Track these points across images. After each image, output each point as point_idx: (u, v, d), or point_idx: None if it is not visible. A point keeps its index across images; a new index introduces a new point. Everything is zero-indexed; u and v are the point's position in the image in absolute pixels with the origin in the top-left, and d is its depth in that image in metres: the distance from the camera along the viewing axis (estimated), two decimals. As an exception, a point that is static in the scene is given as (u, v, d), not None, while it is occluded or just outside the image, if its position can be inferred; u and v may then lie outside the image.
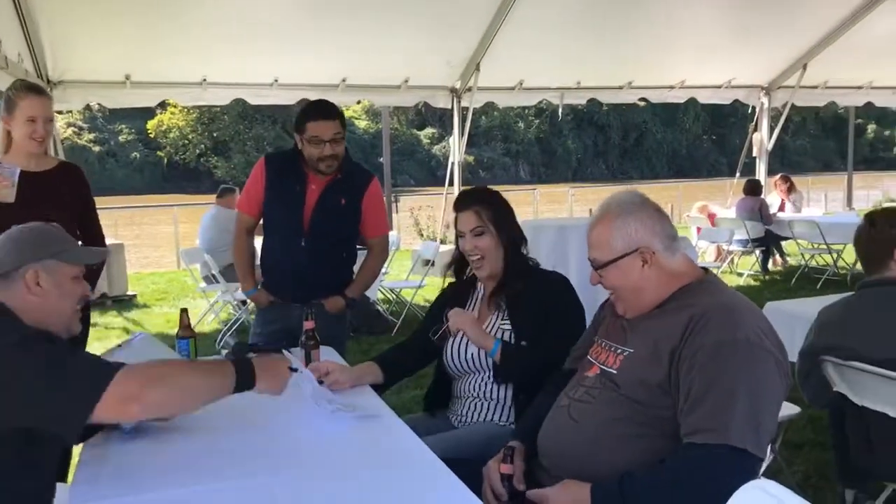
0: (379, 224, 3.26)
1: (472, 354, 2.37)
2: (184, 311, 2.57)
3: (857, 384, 2.38)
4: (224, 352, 2.66)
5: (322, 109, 2.97)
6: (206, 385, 1.66)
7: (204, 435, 1.91)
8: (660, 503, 1.59)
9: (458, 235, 2.41)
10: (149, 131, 39.42)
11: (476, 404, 2.38)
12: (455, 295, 2.54)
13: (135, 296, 8.60)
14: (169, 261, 12.52)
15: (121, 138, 39.68)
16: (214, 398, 1.67)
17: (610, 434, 1.71)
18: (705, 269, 1.86)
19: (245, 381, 1.71)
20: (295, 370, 1.87)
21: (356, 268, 3.34)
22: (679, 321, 1.69)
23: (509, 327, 2.34)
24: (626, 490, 1.59)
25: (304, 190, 3.03)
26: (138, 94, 7.57)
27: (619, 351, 1.82)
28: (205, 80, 7.60)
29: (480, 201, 2.40)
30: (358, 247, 3.32)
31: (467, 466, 1.78)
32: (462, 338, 2.40)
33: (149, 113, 36.83)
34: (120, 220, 16.80)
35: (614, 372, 1.78)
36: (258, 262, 3.33)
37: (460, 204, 2.43)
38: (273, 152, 3.37)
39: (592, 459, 1.73)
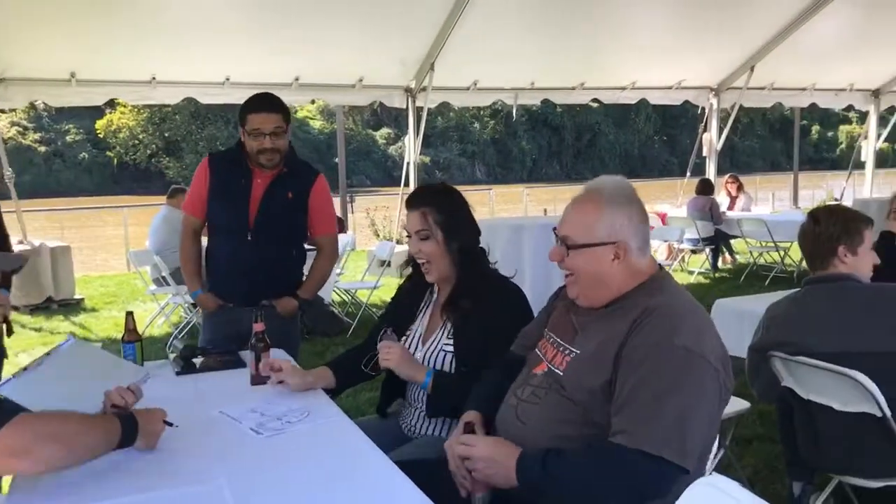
0: (328, 221, 3.20)
1: None
2: (129, 314, 2.50)
3: (804, 379, 2.43)
4: (172, 355, 2.60)
5: (264, 101, 2.91)
6: (95, 443, 1.59)
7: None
8: (576, 489, 1.57)
9: (407, 235, 2.30)
10: (98, 131, 38.48)
11: (423, 415, 2.29)
12: (411, 294, 2.45)
13: (82, 299, 8.38)
14: (117, 264, 12.23)
15: (68, 138, 38.64)
16: (97, 456, 1.60)
17: (555, 436, 1.69)
18: (660, 266, 1.84)
19: (128, 438, 1.66)
20: (170, 424, 1.80)
21: (306, 269, 3.29)
22: (625, 322, 1.66)
23: (452, 349, 2.22)
24: (548, 467, 1.58)
25: (249, 184, 2.97)
26: (85, 92, 7.39)
27: (566, 351, 1.78)
28: (154, 78, 7.46)
29: (430, 202, 2.24)
30: (308, 247, 3.28)
31: (423, 469, 1.76)
32: (414, 346, 2.31)
33: (98, 112, 35.96)
34: (66, 222, 16.39)
35: (560, 373, 1.75)
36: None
37: (409, 202, 2.30)
38: (216, 151, 3.32)
39: None
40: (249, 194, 2.96)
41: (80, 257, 9.07)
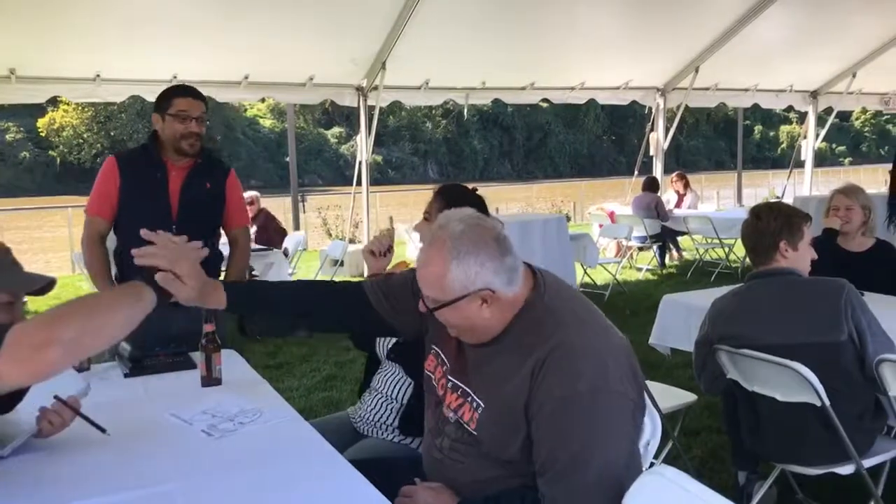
0: (243, 213, 3.24)
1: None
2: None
3: (748, 371, 2.51)
4: (120, 357, 2.54)
5: (189, 88, 3.00)
6: (122, 305, 1.46)
7: (89, 449, 1.81)
8: None
9: (424, 217, 2.34)
10: (39, 130, 37.39)
11: (381, 403, 2.29)
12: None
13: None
14: (61, 265, 11.90)
15: (8, 137, 37.42)
16: (136, 320, 1.48)
17: (488, 491, 1.64)
18: (534, 274, 1.67)
19: (158, 291, 1.53)
20: (102, 430, 1.78)
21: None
22: (523, 371, 1.55)
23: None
24: None
25: (165, 177, 2.95)
26: (25, 89, 7.16)
27: (472, 403, 1.65)
28: (98, 75, 7.28)
29: (459, 197, 2.27)
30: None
31: (378, 467, 1.76)
32: None
33: (39, 110, 34.96)
34: (5, 223, 15.89)
35: (474, 433, 1.64)
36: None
37: (440, 192, 2.34)
38: (120, 151, 3.33)
39: None
40: (167, 187, 2.95)
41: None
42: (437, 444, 1.74)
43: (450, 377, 1.73)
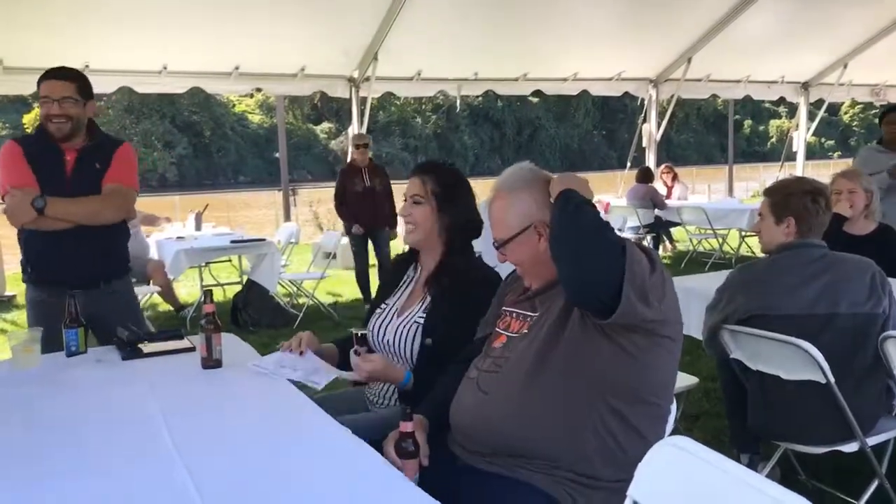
0: (117, 174, 3.00)
1: (388, 341, 2.28)
2: (71, 297, 2.41)
3: (752, 350, 2.49)
4: (117, 341, 2.50)
5: (56, 70, 2.92)
6: None
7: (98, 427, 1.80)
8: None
9: (404, 199, 2.34)
10: (25, 125, 37.08)
11: (389, 388, 2.30)
12: (395, 272, 2.46)
13: (13, 296, 8.06)
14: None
15: (-7, 132, 37.17)
16: None
17: (520, 396, 1.70)
18: None
19: None
20: None
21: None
22: None
23: (422, 321, 2.24)
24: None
25: (61, 161, 2.92)
26: (12, 80, 7.07)
27: (528, 318, 1.83)
28: (87, 66, 7.15)
29: (433, 172, 2.30)
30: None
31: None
32: (388, 318, 2.32)
33: (25, 106, 34.69)
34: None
35: (525, 331, 1.80)
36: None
37: (415, 169, 2.36)
38: (20, 135, 3.27)
39: (504, 429, 1.71)
40: (64, 170, 2.92)
41: (6, 254, 8.69)
42: (476, 366, 1.88)
43: (512, 310, 1.91)
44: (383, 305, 2.38)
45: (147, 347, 2.46)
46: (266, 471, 1.51)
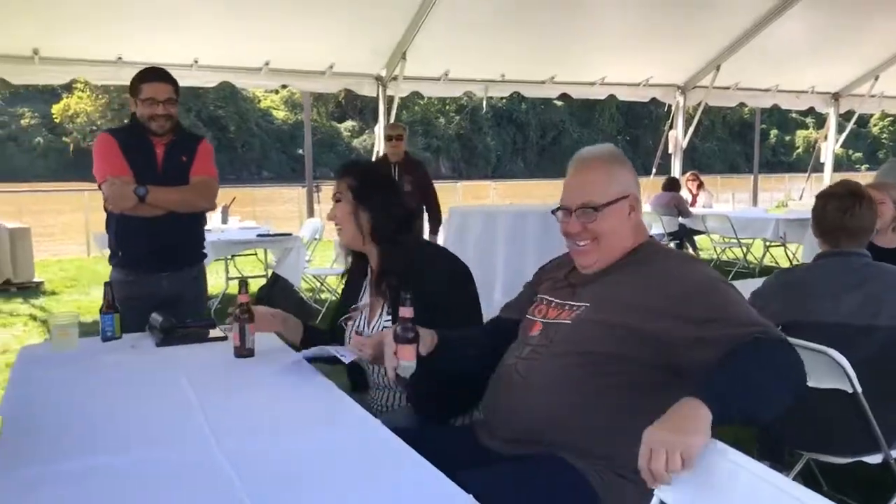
0: (204, 167, 3.21)
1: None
2: (108, 285, 2.47)
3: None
4: (151, 328, 2.55)
5: (157, 72, 3.11)
6: None
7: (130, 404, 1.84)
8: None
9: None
10: (54, 116, 37.63)
11: (394, 395, 2.26)
12: (354, 275, 2.45)
13: (42, 283, 8.19)
14: (76, 249, 11.97)
15: (23, 122, 37.72)
16: None
17: (560, 384, 1.72)
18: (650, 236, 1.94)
19: None
20: None
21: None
22: (640, 277, 1.75)
23: (390, 325, 2.15)
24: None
25: (153, 152, 3.10)
26: (47, 70, 7.19)
27: (570, 307, 1.83)
28: (120, 58, 7.29)
29: (350, 172, 2.32)
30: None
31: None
32: (361, 328, 2.30)
33: (54, 96, 35.17)
34: (23, 206, 15.99)
35: (569, 322, 1.79)
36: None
37: (337, 170, 2.39)
38: (110, 128, 3.46)
39: (543, 416, 1.73)
40: (156, 162, 3.10)
41: (37, 242, 8.84)
42: (514, 355, 1.86)
43: (549, 298, 1.91)
44: (352, 313, 2.37)
45: (180, 335, 2.50)
46: (301, 456, 1.54)
